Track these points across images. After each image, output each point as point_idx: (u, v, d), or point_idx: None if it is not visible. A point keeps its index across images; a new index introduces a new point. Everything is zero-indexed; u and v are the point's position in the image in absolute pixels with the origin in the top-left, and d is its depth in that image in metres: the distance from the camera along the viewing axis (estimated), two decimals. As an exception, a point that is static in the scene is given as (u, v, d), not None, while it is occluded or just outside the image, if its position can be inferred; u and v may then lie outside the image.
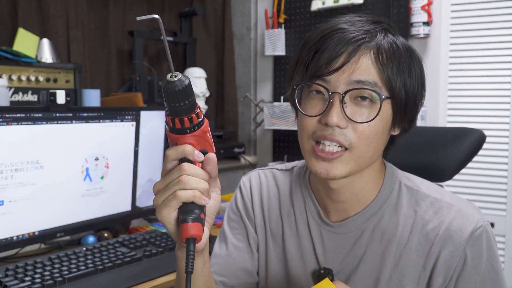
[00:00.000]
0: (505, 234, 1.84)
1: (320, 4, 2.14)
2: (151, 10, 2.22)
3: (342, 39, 0.74)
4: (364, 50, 0.74)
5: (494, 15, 1.85)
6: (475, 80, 1.90)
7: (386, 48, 0.75)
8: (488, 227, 0.79)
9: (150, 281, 1.21)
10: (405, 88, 0.76)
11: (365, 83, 0.73)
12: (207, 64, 2.41)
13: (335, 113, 0.72)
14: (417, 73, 0.79)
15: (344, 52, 0.73)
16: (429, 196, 0.81)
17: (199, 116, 0.60)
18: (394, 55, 0.75)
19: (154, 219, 1.80)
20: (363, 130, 0.73)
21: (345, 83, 0.73)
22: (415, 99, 0.79)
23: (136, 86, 2.01)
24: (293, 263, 0.90)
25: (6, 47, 1.58)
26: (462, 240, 0.76)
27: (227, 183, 2.37)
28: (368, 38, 0.74)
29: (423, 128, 1.12)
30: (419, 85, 0.80)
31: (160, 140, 1.64)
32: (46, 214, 1.34)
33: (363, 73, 0.73)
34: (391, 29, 0.79)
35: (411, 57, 0.78)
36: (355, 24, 0.76)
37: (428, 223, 0.79)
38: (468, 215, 0.79)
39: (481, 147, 1.01)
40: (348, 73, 0.73)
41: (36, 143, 1.28)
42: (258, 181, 0.98)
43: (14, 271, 1.15)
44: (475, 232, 0.77)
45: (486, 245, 0.77)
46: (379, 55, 0.74)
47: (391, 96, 0.75)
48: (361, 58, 0.73)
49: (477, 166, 1.88)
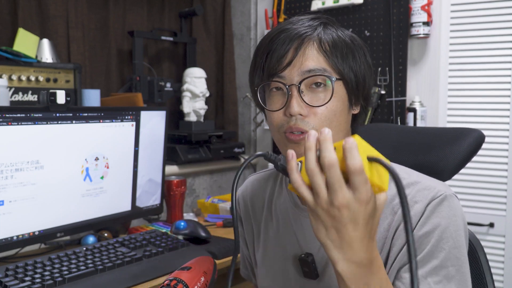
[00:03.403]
0: (505, 234, 1.84)
1: (320, 4, 2.14)
2: (151, 10, 2.22)
3: (287, 37, 0.82)
4: (308, 42, 0.81)
5: (494, 15, 1.85)
6: (475, 80, 1.90)
7: (327, 38, 0.82)
8: (451, 197, 0.80)
9: (150, 281, 1.21)
10: (353, 71, 0.83)
11: (315, 70, 0.80)
12: (207, 64, 2.41)
13: (295, 103, 0.80)
14: (361, 56, 0.85)
15: (290, 48, 0.81)
16: None
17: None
18: (336, 44, 0.82)
19: (154, 219, 1.80)
20: (322, 113, 0.80)
21: (298, 74, 0.81)
22: (365, 79, 0.85)
23: (136, 86, 2.01)
24: (278, 253, 0.95)
25: (6, 47, 1.59)
26: (421, 207, 0.78)
27: (227, 183, 2.37)
28: (310, 31, 0.82)
29: (423, 128, 1.12)
30: (365, 66, 0.86)
31: (160, 140, 1.64)
32: (46, 214, 1.34)
33: (312, 62, 0.80)
34: (331, 23, 0.86)
35: (352, 43, 0.85)
36: (297, 23, 0.85)
37: (395, 198, 0.82)
38: (431, 187, 0.81)
39: (480, 147, 1.00)
40: (299, 66, 0.81)
41: (36, 143, 1.28)
42: (245, 187, 1.07)
43: (14, 271, 1.15)
44: (434, 199, 0.79)
45: (446, 213, 0.78)
46: (322, 45, 0.81)
47: (341, 77, 0.82)
48: (306, 50, 0.81)
49: (477, 166, 1.88)
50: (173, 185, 1.78)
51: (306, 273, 0.89)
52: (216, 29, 2.46)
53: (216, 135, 2.17)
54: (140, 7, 2.16)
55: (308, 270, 0.88)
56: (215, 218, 1.83)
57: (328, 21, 0.86)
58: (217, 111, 2.50)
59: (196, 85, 2.14)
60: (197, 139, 2.07)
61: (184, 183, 1.82)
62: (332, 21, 0.87)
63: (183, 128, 2.18)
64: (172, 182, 1.78)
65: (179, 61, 2.37)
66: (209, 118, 2.41)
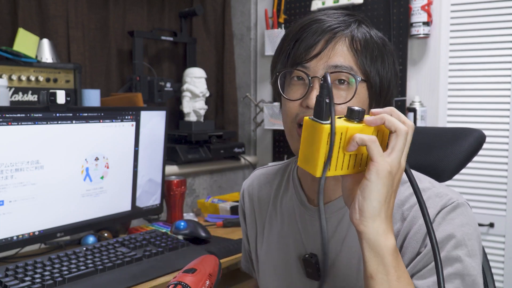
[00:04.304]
0: (505, 234, 1.84)
1: (320, 4, 2.14)
2: (151, 10, 2.22)
3: (319, 28, 0.80)
4: (339, 37, 0.79)
5: (494, 15, 1.85)
6: (475, 80, 1.90)
7: (360, 37, 0.80)
8: (464, 205, 0.78)
9: (150, 281, 1.21)
10: (379, 75, 0.81)
11: (341, 67, 0.78)
12: (207, 64, 2.41)
13: (315, 96, 0.76)
14: (390, 62, 0.83)
15: (321, 40, 0.79)
16: (408, 182, 0.82)
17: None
18: (367, 44, 0.80)
19: (154, 219, 1.80)
20: (341, 111, 0.77)
21: (323, 68, 0.78)
22: (389, 85, 0.84)
23: (136, 86, 2.01)
24: (281, 251, 0.94)
25: (6, 47, 1.58)
26: (431, 215, 0.77)
27: (227, 183, 2.37)
28: (343, 27, 0.80)
29: (423, 128, 1.12)
30: (392, 73, 0.84)
31: (160, 140, 1.64)
32: (46, 214, 1.34)
33: (340, 58, 0.78)
34: (365, 22, 0.84)
35: (384, 47, 0.83)
36: (331, 16, 0.82)
37: (404, 204, 0.81)
38: (443, 193, 0.79)
39: (481, 147, 1.00)
40: (326, 59, 0.78)
41: (36, 143, 1.28)
42: (251, 181, 1.06)
43: (14, 271, 1.15)
44: (446, 207, 0.77)
45: (460, 221, 0.76)
46: (353, 43, 0.79)
47: (366, 79, 0.80)
48: (337, 45, 0.79)
49: (477, 166, 1.88)
50: (173, 185, 1.78)
51: (309, 274, 0.88)
52: (216, 29, 2.46)
53: (216, 135, 2.17)
54: (140, 7, 2.16)
55: (311, 271, 0.87)
56: (215, 218, 1.83)
57: (363, 19, 0.85)
58: (217, 111, 2.50)
59: (196, 85, 2.14)
60: (197, 139, 2.07)
61: (184, 183, 1.82)
62: (366, 20, 0.85)
63: (183, 128, 2.18)
64: (172, 182, 1.78)
65: (179, 61, 2.37)
66: (209, 118, 2.41)
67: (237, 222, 1.72)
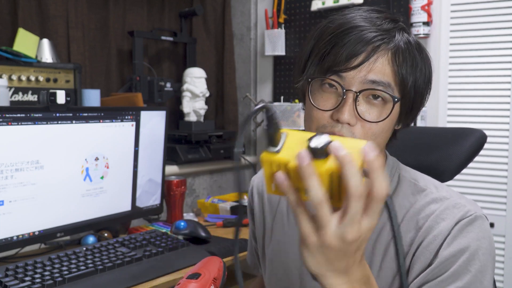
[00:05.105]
0: (505, 234, 1.84)
1: (320, 4, 2.14)
2: (151, 10, 2.22)
3: (363, 38, 0.74)
4: (382, 51, 0.75)
5: (494, 15, 1.85)
6: (475, 80, 1.90)
7: (403, 48, 0.76)
8: (481, 219, 0.77)
9: (150, 281, 1.21)
10: (415, 87, 0.78)
11: (379, 83, 0.74)
12: (207, 64, 2.41)
13: (347, 111, 0.73)
14: (426, 71, 0.80)
15: (363, 51, 0.74)
16: (425, 190, 0.82)
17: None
18: (409, 53, 0.77)
19: (154, 219, 1.80)
20: (370, 128, 0.75)
21: (360, 81, 0.74)
22: (422, 98, 0.81)
23: (136, 86, 2.01)
24: (289, 251, 0.93)
25: (6, 47, 1.58)
26: (448, 226, 0.75)
27: (227, 183, 2.37)
28: (387, 39, 0.75)
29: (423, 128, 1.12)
30: (427, 83, 0.81)
31: (160, 140, 1.64)
32: (46, 214, 1.33)
33: (379, 74, 0.74)
34: (406, 28, 0.80)
35: (421, 54, 0.80)
36: (374, 22, 0.76)
37: (420, 212, 0.79)
38: (460, 205, 0.78)
39: (483, 147, 1.00)
40: (365, 72, 0.74)
41: (36, 143, 1.28)
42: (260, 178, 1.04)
43: (14, 271, 1.15)
44: (463, 219, 0.75)
45: (476, 234, 0.75)
46: (396, 57, 0.75)
47: (402, 96, 0.77)
48: (378, 59, 0.74)
49: (477, 166, 1.88)
50: (173, 185, 1.77)
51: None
52: (216, 29, 2.46)
53: (216, 135, 2.17)
54: (140, 7, 2.16)
55: None
56: (215, 218, 1.83)
57: (405, 26, 0.80)
58: (217, 111, 2.50)
59: (196, 85, 2.14)
60: (197, 139, 2.07)
61: (184, 183, 1.82)
62: (407, 26, 0.81)
63: (183, 128, 2.18)
64: (172, 182, 1.78)
65: (179, 61, 2.37)
66: (209, 118, 2.41)
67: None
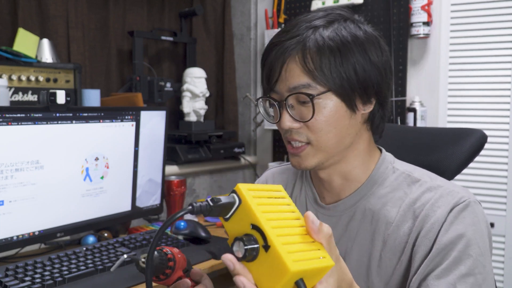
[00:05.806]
0: (505, 234, 1.84)
1: (320, 4, 2.14)
2: (151, 10, 2.22)
3: (277, 53, 0.81)
4: (290, 58, 0.80)
5: (494, 15, 1.85)
6: (475, 80, 1.90)
7: (313, 49, 0.78)
8: (475, 204, 0.80)
9: (150, 281, 1.21)
10: (352, 75, 0.79)
11: (297, 87, 0.79)
12: (207, 64, 2.41)
13: (285, 119, 0.82)
14: (360, 54, 0.80)
15: (278, 65, 0.81)
16: (420, 180, 0.85)
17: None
18: (327, 48, 0.78)
19: (154, 219, 1.80)
20: (313, 125, 0.81)
21: (286, 91, 0.81)
22: (369, 75, 0.80)
23: (136, 86, 2.01)
24: None
25: (6, 47, 1.58)
26: (444, 213, 0.78)
27: (227, 183, 2.37)
28: (294, 44, 0.80)
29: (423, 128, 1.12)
30: (366, 62, 0.80)
31: (160, 140, 1.64)
32: (46, 214, 1.33)
33: (295, 79, 0.79)
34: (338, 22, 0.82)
35: (352, 43, 0.80)
36: (292, 29, 0.82)
37: (416, 202, 0.82)
38: (454, 192, 0.81)
39: (483, 147, 1.00)
40: (285, 82, 0.81)
41: (36, 143, 1.28)
42: (265, 177, 1.09)
43: (14, 271, 1.15)
44: (458, 205, 0.79)
45: (471, 220, 0.78)
46: (304, 60, 0.78)
47: (328, 89, 0.79)
48: (289, 66, 0.80)
49: (477, 166, 1.88)
50: (173, 185, 1.77)
51: None
52: (216, 29, 2.46)
53: (216, 135, 2.17)
54: (140, 7, 2.16)
55: None
56: (215, 218, 1.83)
57: (341, 15, 0.84)
58: (217, 111, 2.49)
59: (196, 85, 2.14)
60: (197, 139, 2.07)
61: (184, 183, 1.82)
62: (340, 18, 0.84)
63: (183, 128, 2.18)
64: (172, 182, 1.78)
65: (179, 61, 2.37)
66: (209, 118, 2.41)
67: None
